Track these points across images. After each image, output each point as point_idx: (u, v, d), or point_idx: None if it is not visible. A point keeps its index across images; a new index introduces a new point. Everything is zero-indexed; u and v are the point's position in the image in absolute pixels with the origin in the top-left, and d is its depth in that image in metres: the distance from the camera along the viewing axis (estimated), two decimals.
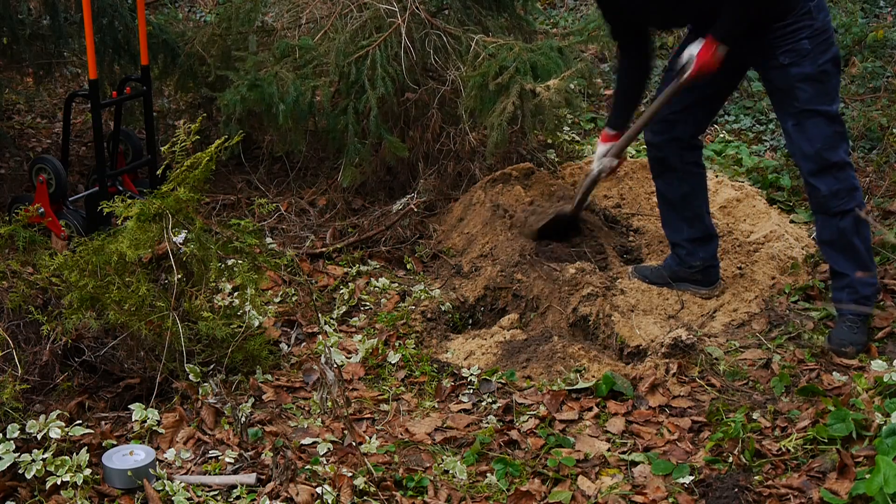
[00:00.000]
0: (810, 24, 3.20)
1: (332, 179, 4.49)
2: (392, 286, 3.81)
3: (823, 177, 3.25)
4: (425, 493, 2.64)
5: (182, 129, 3.04)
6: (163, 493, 2.56)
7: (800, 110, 3.24)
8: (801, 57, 3.20)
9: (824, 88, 3.23)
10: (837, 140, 3.24)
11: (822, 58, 3.21)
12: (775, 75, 3.27)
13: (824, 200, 3.27)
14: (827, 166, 3.24)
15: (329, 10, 4.62)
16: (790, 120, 3.28)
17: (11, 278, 2.99)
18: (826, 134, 3.22)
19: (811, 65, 3.19)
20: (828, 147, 3.23)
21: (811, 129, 3.23)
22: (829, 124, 3.22)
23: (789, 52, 3.21)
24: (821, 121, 3.22)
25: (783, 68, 3.23)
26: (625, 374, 3.20)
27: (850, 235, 3.31)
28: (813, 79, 3.21)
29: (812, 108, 3.22)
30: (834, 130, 3.23)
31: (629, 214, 4.34)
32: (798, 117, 3.25)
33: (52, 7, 4.36)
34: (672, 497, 2.63)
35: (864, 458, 2.64)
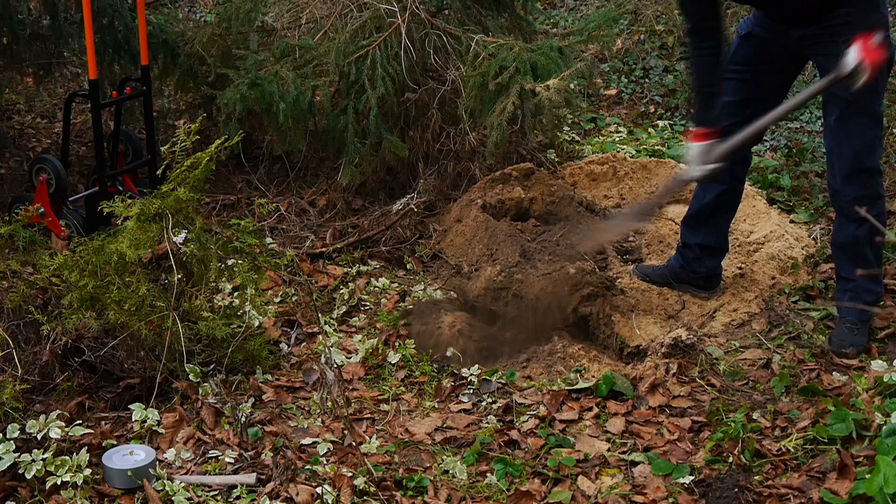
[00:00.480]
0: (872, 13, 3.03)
1: (332, 179, 4.49)
2: (392, 286, 3.81)
3: (853, 181, 3.17)
4: (425, 493, 2.64)
5: (182, 129, 3.04)
6: (163, 493, 2.56)
7: (847, 104, 3.10)
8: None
9: (876, 86, 3.09)
10: (876, 144, 3.18)
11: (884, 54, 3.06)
12: (833, 63, 3.00)
13: (847, 205, 3.21)
14: (860, 170, 3.16)
15: (329, 10, 4.62)
16: (835, 113, 3.16)
17: (11, 278, 2.99)
18: (867, 136, 3.14)
19: None
20: (866, 150, 3.15)
21: (854, 128, 3.13)
22: (872, 126, 3.15)
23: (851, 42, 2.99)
24: (865, 121, 3.13)
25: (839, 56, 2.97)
26: (625, 374, 3.20)
27: (864, 245, 3.28)
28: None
29: (860, 105, 3.09)
30: (875, 134, 3.16)
31: None
32: (844, 112, 3.13)
33: (52, 7, 4.36)
34: (672, 497, 2.63)
35: (864, 458, 2.64)
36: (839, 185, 3.21)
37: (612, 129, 5.45)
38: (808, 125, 5.39)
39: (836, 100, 3.15)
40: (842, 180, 3.19)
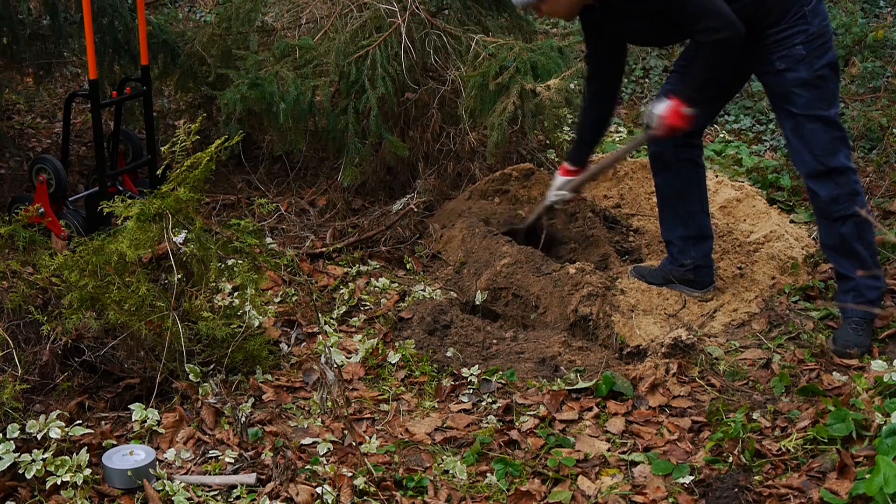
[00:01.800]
0: (805, 28, 3.18)
1: (332, 179, 4.49)
2: (392, 286, 3.81)
3: (823, 182, 3.25)
4: (425, 493, 2.64)
5: (182, 129, 3.04)
6: (163, 493, 2.56)
7: (797, 115, 3.24)
8: (796, 62, 3.19)
9: (821, 94, 3.22)
10: (836, 145, 3.24)
11: (818, 62, 3.20)
12: (772, 80, 3.28)
13: (824, 205, 3.28)
14: (826, 171, 3.23)
15: (329, 10, 4.62)
16: (788, 125, 3.29)
17: (11, 278, 2.99)
18: (824, 140, 3.22)
19: (807, 70, 3.19)
20: (826, 152, 3.22)
21: (809, 135, 3.23)
22: (826, 130, 3.22)
23: (784, 57, 3.21)
24: (818, 126, 3.22)
25: (779, 73, 3.23)
26: (625, 374, 3.20)
27: (852, 241, 3.30)
28: (809, 84, 3.20)
29: (809, 114, 3.22)
30: (832, 136, 3.23)
31: (629, 214, 4.34)
32: (796, 122, 3.25)
33: (52, 7, 4.36)
34: (672, 497, 2.63)
35: (864, 458, 2.64)
36: (811, 188, 3.30)
37: (612, 129, 5.45)
38: None
39: (784, 113, 3.29)
40: (811, 183, 3.28)
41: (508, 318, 3.64)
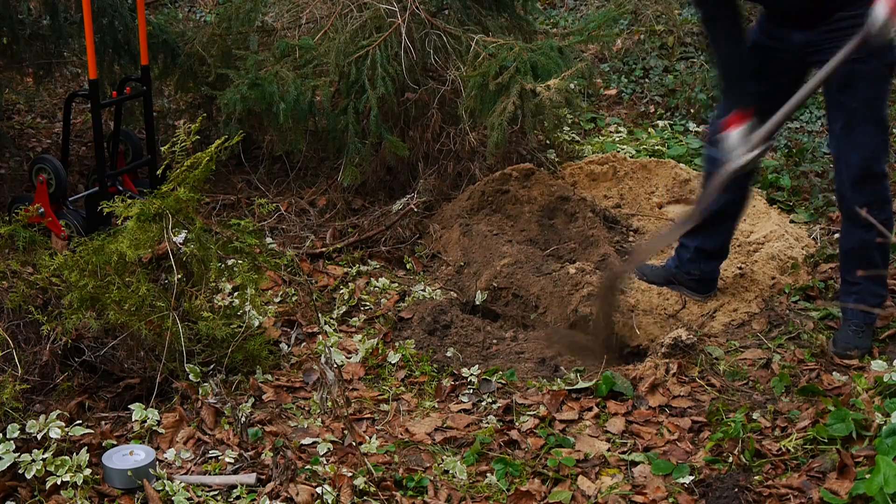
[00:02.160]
0: None
1: (332, 179, 4.49)
2: (392, 286, 3.81)
3: (862, 187, 3.15)
4: (425, 493, 2.64)
5: (182, 129, 3.04)
6: (163, 493, 2.56)
7: (853, 111, 3.09)
8: (866, 52, 2.96)
9: (881, 91, 3.10)
10: (882, 149, 3.14)
11: (885, 58, 3.05)
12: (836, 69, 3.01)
13: (855, 210, 3.16)
14: (868, 176, 3.13)
15: (329, 10, 4.62)
16: (841, 120, 3.14)
17: (11, 278, 2.99)
18: (874, 142, 3.11)
19: (876, 62, 3.02)
20: (874, 157, 3.12)
21: (860, 136, 3.10)
22: (877, 132, 3.11)
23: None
24: (871, 128, 3.10)
25: (847, 63, 2.96)
26: (625, 374, 3.20)
27: (873, 249, 3.25)
28: (873, 79, 3.06)
29: (865, 112, 3.08)
30: (881, 139, 3.13)
31: (629, 214, 4.34)
32: (849, 119, 3.11)
33: (52, 7, 4.36)
34: (672, 497, 2.63)
35: (864, 458, 2.65)
36: (848, 192, 3.18)
37: (612, 129, 5.45)
38: (808, 125, 5.39)
39: (840, 107, 3.13)
40: (850, 187, 3.16)
41: (508, 318, 3.64)
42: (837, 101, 3.14)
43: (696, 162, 4.89)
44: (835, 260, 3.91)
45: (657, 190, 4.50)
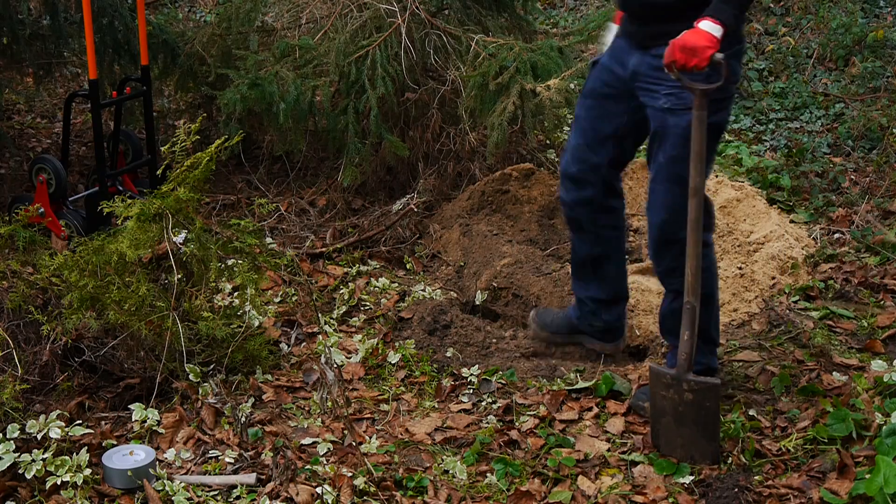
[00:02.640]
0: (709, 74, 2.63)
1: (332, 179, 4.49)
2: (392, 286, 3.81)
3: (661, 251, 2.89)
4: (425, 493, 2.64)
5: (182, 129, 3.04)
6: (163, 493, 2.56)
7: (660, 166, 2.82)
8: (684, 108, 2.71)
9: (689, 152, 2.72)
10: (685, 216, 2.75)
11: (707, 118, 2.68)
12: (652, 115, 2.82)
13: (659, 275, 2.97)
14: (669, 241, 2.85)
15: (329, 10, 4.62)
16: (651, 173, 2.88)
17: (11, 278, 2.99)
18: (676, 206, 2.77)
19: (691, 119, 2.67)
20: (673, 221, 2.80)
21: (661, 194, 2.83)
22: (683, 194, 2.74)
23: (676, 95, 2.73)
24: (675, 188, 2.77)
25: (662, 113, 2.77)
26: (625, 374, 3.19)
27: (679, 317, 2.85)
28: (685, 136, 2.70)
29: (670, 169, 2.78)
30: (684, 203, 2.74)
31: (629, 214, 4.34)
32: (657, 173, 2.84)
33: (52, 7, 4.36)
34: (672, 497, 2.63)
35: (864, 458, 2.65)
36: (651, 256, 2.96)
37: None
38: (808, 125, 5.39)
39: (652, 161, 2.87)
40: (652, 252, 2.94)
41: (508, 318, 3.64)
42: (651, 152, 2.88)
43: None
44: (835, 260, 3.91)
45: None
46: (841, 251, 3.97)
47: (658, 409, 2.78)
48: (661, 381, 2.76)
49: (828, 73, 6.03)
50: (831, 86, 5.81)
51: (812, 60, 6.11)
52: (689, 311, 2.74)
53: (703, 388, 2.72)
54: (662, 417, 2.77)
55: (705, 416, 2.72)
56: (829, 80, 5.92)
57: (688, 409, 2.73)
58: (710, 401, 2.72)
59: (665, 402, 2.76)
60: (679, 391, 2.73)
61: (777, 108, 5.62)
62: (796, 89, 5.76)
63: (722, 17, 2.58)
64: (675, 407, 2.74)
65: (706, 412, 2.72)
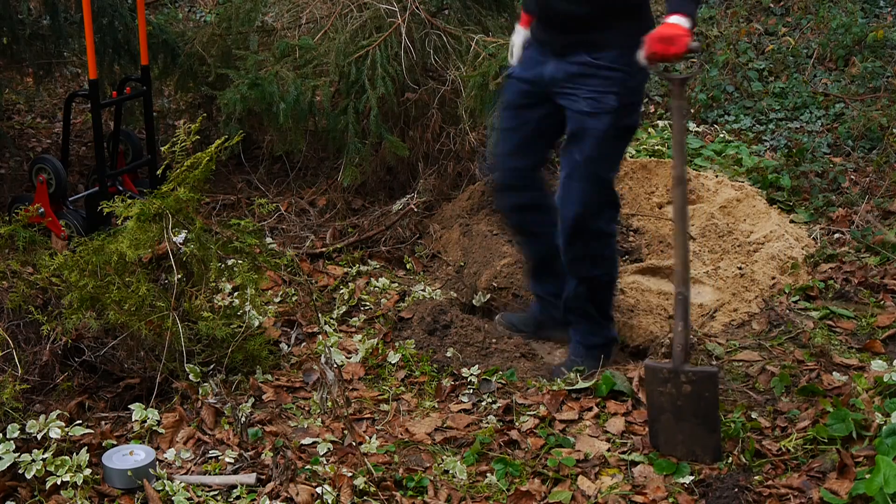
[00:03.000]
0: (625, 79, 2.93)
1: (332, 179, 4.49)
2: (392, 286, 3.81)
3: (573, 241, 3.06)
4: (425, 493, 2.64)
5: (182, 129, 3.04)
6: (163, 493, 2.56)
7: (576, 165, 3.00)
8: (603, 112, 2.93)
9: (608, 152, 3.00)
10: (605, 208, 3.06)
11: (621, 120, 2.95)
12: (571, 117, 3.00)
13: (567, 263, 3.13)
14: (582, 231, 3.04)
15: (329, 10, 4.62)
16: (565, 170, 3.04)
17: (11, 278, 2.99)
18: (590, 201, 3.01)
19: (609, 121, 2.93)
20: (589, 213, 3.02)
21: (577, 191, 3.01)
22: (595, 191, 3.01)
23: (595, 99, 2.93)
24: (587, 186, 3.00)
25: (581, 116, 2.96)
26: (625, 373, 3.19)
27: (584, 301, 3.19)
28: (602, 137, 2.95)
29: (586, 168, 2.98)
30: (602, 199, 3.04)
31: (629, 214, 4.34)
32: (572, 171, 3.02)
33: (52, 7, 4.36)
34: (672, 497, 2.63)
35: (864, 458, 2.64)
36: (562, 245, 3.10)
37: None
38: (808, 125, 5.39)
39: (567, 157, 3.04)
40: (564, 241, 3.08)
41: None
42: (567, 151, 3.05)
43: (696, 162, 4.89)
44: (835, 260, 3.91)
45: (657, 190, 4.50)
46: (841, 251, 3.97)
47: (656, 407, 2.78)
48: (658, 376, 2.76)
49: (828, 73, 6.03)
50: (831, 86, 5.81)
51: (812, 60, 6.11)
52: (682, 302, 2.78)
53: (701, 378, 2.73)
54: (661, 415, 2.77)
55: (705, 406, 2.73)
56: (829, 80, 5.92)
57: (687, 402, 2.73)
58: (708, 390, 2.73)
59: (663, 398, 2.76)
60: (677, 384, 2.73)
61: (777, 108, 5.62)
62: (796, 89, 5.76)
63: (687, 11, 2.75)
64: (674, 401, 2.74)
65: (705, 403, 2.73)
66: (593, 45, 2.94)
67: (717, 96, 5.74)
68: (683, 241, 2.79)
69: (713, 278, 3.78)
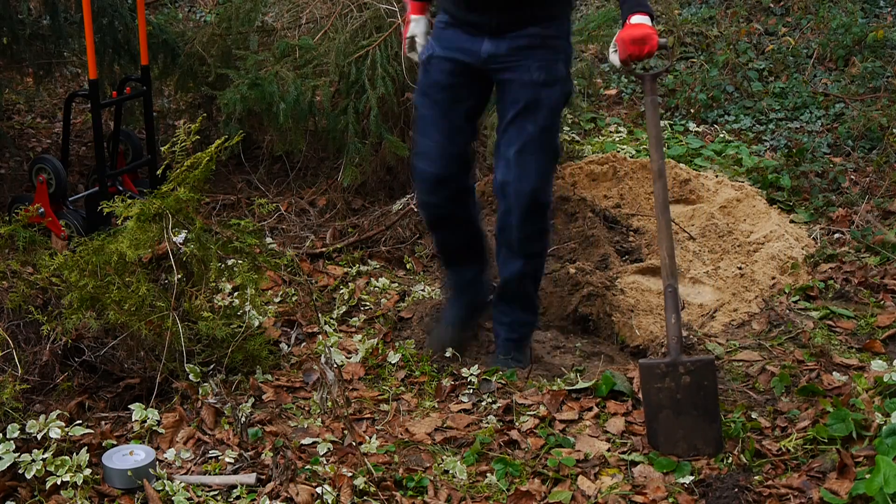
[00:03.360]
0: (567, 47, 2.99)
1: (332, 179, 4.49)
2: (392, 286, 3.81)
3: (528, 217, 3.03)
4: (425, 493, 2.64)
5: (182, 129, 3.04)
6: (163, 493, 2.56)
7: (531, 137, 2.96)
8: (555, 80, 2.95)
9: (557, 121, 3.00)
10: (550, 180, 3.07)
11: (566, 86, 2.99)
12: (520, 89, 2.95)
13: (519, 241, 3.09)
14: (536, 206, 3.02)
15: (329, 10, 4.62)
16: (516, 145, 2.97)
17: (11, 278, 2.99)
18: (545, 172, 3.01)
19: (560, 89, 2.96)
20: (543, 187, 3.02)
21: (533, 163, 2.97)
22: (548, 161, 3.01)
23: (547, 69, 2.93)
24: (543, 157, 2.98)
25: (535, 86, 2.93)
26: (625, 373, 3.19)
27: (529, 281, 3.19)
28: (554, 106, 2.96)
29: (542, 139, 2.96)
30: (551, 169, 3.05)
31: (629, 214, 4.34)
32: (526, 144, 2.97)
33: (52, 7, 4.36)
34: (672, 497, 2.63)
35: (864, 458, 2.64)
36: (515, 222, 3.04)
37: (612, 129, 5.46)
38: (808, 125, 5.39)
39: (519, 131, 2.97)
40: (519, 218, 3.02)
41: None
42: (518, 124, 2.97)
43: (696, 162, 4.89)
44: (835, 260, 3.91)
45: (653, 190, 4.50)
46: (841, 251, 3.97)
47: (654, 406, 2.78)
48: (655, 372, 2.77)
49: (828, 73, 6.03)
50: (831, 86, 5.81)
51: (812, 60, 6.11)
52: (672, 294, 2.80)
53: (700, 367, 2.74)
54: (660, 413, 2.77)
55: (704, 396, 2.74)
56: (829, 80, 5.92)
57: (686, 394, 2.74)
58: (707, 379, 2.74)
59: (661, 394, 2.76)
60: (676, 377, 2.74)
61: (777, 108, 5.62)
62: (796, 89, 5.76)
63: (646, 9, 2.81)
64: (673, 396, 2.75)
65: (705, 392, 2.74)
66: (545, 18, 2.93)
67: (717, 96, 5.74)
68: (668, 234, 2.81)
69: (713, 278, 3.78)
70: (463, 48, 3.02)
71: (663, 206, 2.84)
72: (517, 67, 2.95)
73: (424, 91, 3.10)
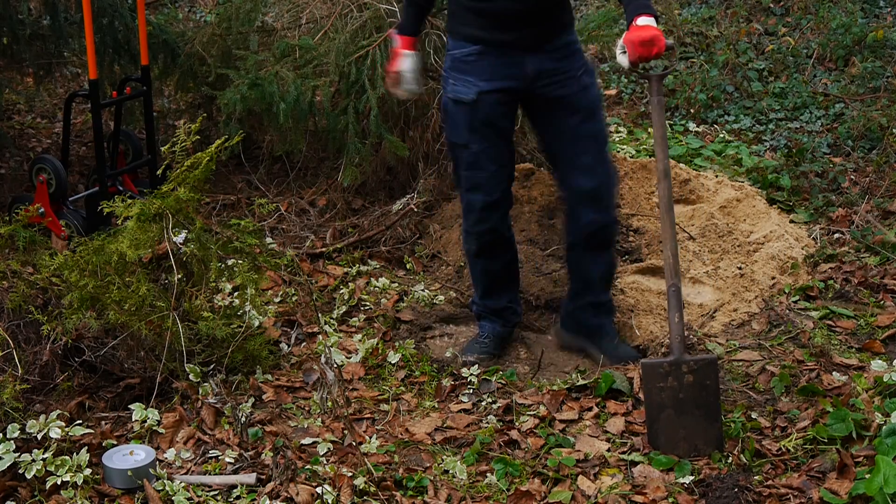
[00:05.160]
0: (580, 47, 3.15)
1: (332, 179, 4.49)
2: (392, 286, 3.81)
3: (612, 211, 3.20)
4: (425, 493, 2.64)
5: (182, 129, 3.04)
6: (163, 493, 2.57)
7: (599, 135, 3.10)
8: (593, 80, 3.11)
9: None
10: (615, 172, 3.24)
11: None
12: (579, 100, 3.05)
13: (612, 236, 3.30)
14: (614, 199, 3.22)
15: (329, 10, 4.61)
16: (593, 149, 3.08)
17: (11, 278, 2.99)
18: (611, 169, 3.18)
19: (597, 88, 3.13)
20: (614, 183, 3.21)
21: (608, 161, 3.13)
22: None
23: (586, 72, 3.07)
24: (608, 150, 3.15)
25: (586, 91, 3.06)
26: (625, 373, 3.19)
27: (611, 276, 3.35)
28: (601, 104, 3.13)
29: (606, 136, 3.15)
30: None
31: (629, 214, 4.34)
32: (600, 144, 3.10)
33: (52, 7, 4.36)
34: (672, 497, 2.63)
35: (864, 458, 2.65)
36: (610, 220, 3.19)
37: (612, 129, 5.45)
38: (808, 125, 5.39)
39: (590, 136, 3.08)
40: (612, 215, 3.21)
41: None
42: (586, 129, 3.07)
43: (696, 162, 4.89)
44: (835, 260, 3.91)
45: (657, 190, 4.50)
46: (841, 251, 3.97)
47: (656, 405, 2.78)
48: (658, 372, 2.77)
49: (828, 73, 6.03)
50: (831, 86, 5.81)
51: (812, 60, 6.11)
52: (675, 293, 2.81)
53: (703, 366, 2.75)
54: (661, 413, 2.77)
55: (706, 395, 2.74)
56: (829, 80, 5.92)
57: (689, 394, 2.74)
58: (710, 378, 2.75)
59: (664, 393, 2.76)
60: (678, 376, 2.74)
61: (777, 108, 5.61)
62: (796, 89, 5.76)
63: (651, 11, 2.84)
64: (675, 395, 2.75)
65: (707, 391, 2.74)
66: (568, 23, 3.09)
67: (717, 96, 5.74)
68: (672, 234, 2.82)
69: (713, 278, 3.78)
70: (508, 74, 3.03)
71: (668, 205, 2.84)
72: (567, 81, 3.04)
73: (474, 128, 3.10)
